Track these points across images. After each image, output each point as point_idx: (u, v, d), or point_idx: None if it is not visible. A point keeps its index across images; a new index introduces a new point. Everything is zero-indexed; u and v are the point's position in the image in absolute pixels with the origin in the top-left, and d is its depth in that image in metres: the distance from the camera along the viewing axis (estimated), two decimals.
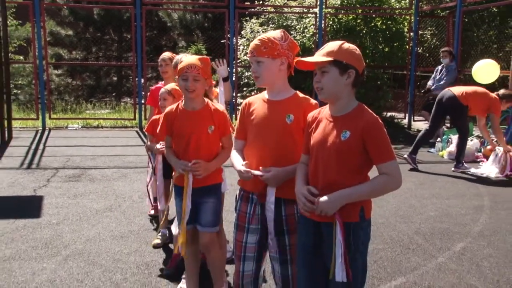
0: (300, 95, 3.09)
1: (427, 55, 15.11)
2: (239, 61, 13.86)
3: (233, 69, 12.99)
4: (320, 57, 2.63)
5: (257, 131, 3.06)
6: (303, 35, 13.97)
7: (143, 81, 13.37)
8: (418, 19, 14.00)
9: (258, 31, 14.38)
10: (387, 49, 14.24)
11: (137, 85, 13.46)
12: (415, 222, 5.85)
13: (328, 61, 2.59)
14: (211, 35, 19.02)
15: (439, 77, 11.33)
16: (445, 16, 14.80)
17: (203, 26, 21.74)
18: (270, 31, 3.29)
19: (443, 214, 6.19)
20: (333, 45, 2.64)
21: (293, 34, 13.56)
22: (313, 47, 13.22)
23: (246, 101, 3.23)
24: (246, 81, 14.38)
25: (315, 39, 13.57)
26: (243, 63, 14.05)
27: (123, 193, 6.85)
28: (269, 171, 2.91)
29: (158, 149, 4.70)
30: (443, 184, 7.77)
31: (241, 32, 15.27)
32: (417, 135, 9.08)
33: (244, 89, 14.56)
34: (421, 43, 15.01)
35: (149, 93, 5.90)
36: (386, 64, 14.43)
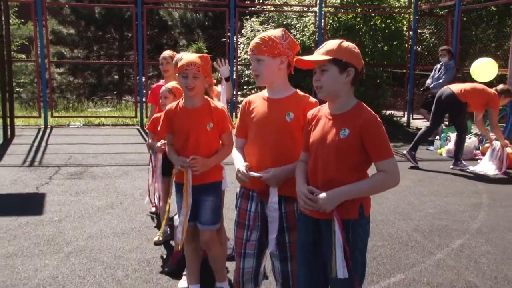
0: (300, 94, 3.10)
1: (426, 53, 15.08)
2: (239, 60, 13.86)
3: (233, 67, 13.00)
4: (319, 55, 2.63)
5: (257, 129, 3.07)
6: (303, 33, 13.98)
7: (144, 79, 13.38)
8: (417, 18, 14.01)
9: (258, 30, 14.38)
10: (386, 47, 14.25)
11: (138, 83, 13.46)
12: (414, 219, 5.86)
13: (327, 59, 2.59)
14: (212, 34, 18.99)
15: (438, 76, 11.34)
16: (444, 15, 14.81)
17: (203, 24, 21.72)
18: (270, 29, 3.30)
19: (441, 211, 6.20)
20: (332, 43, 2.65)
21: (293, 32, 13.56)
22: (312, 45, 13.22)
23: (246, 100, 3.23)
24: (246, 79, 14.37)
25: (314, 37, 13.58)
26: (243, 61, 14.05)
27: (124, 191, 6.86)
28: (268, 171, 2.93)
29: (158, 147, 4.72)
30: (442, 181, 7.79)
31: (242, 30, 15.26)
32: (417, 133, 9.12)
33: (244, 87, 14.56)
34: (420, 42, 15.00)
35: (150, 91, 5.88)
36: (385, 62, 14.44)
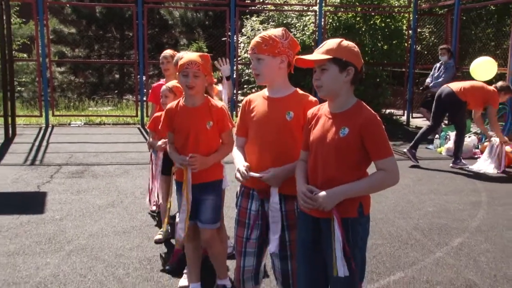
0: (300, 92, 3.10)
1: (426, 52, 15.10)
2: (239, 59, 13.87)
3: (233, 66, 13.01)
4: (319, 55, 2.63)
5: (257, 128, 3.08)
6: (303, 33, 13.97)
7: (144, 78, 13.38)
8: (416, 17, 14.02)
9: (258, 29, 14.37)
10: (386, 46, 14.24)
11: (139, 83, 13.45)
12: (414, 217, 5.88)
13: (327, 58, 2.59)
14: (212, 33, 19.00)
15: (438, 75, 11.36)
16: (443, 14, 14.84)
17: (204, 24, 21.71)
18: (270, 29, 3.29)
19: (441, 209, 6.21)
20: (332, 42, 2.65)
21: (293, 32, 13.56)
22: (312, 44, 13.22)
23: (246, 99, 3.24)
24: (246, 78, 14.37)
25: (314, 37, 13.59)
26: (243, 60, 14.05)
27: (125, 189, 6.87)
28: (268, 172, 2.94)
29: (159, 146, 4.73)
30: (441, 180, 7.80)
31: (242, 30, 15.25)
32: (417, 131, 9.13)
33: (244, 86, 14.56)
34: (420, 41, 15.00)
35: (150, 91, 5.88)
36: (385, 61, 14.43)
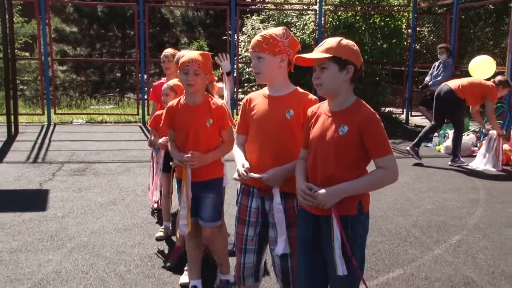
0: (300, 91, 3.10)
1: (425, 51, 15.09)
2: (240, 57, 13.88)
3: (234, 65, 13.03)
4: (319, 53, 2.64)
5: (258, 126, 3.09)
6: (303, 31, 13.99)
7: (146, 77, 13.40)
8: (416, 16, 14.03)
9: (259, 28, 14.37)
10: (385, 45, 14.26)
11: (140, 81, 13.49)
12: (412, 215, 5.90)
13: (327, 57, 2.60)
14: (213, 32, 18.98)
15: (436, 73, 11.39)
16: (442, 13, 14.86)
17: (205, 23, 21.69)
18: (270, 27, 3.28)
19: (439, 207, 6.24)
20: (332, 41, 2.65)
21: (293, 30, 13.57)
22: (312, 43, 13.23)
23: (247, 97, 3.24)
24: (247, 77, 14.39)
25: (314, 35, 13.60)
26: (244, 59, 14.06)
27: (126, 187, 6.89)
28: (268, 172, 2.94)
29: (160, 143, 4.76)
30: (440, 178, 7.82)
31: (242, 28, 15.24)
32: (416, 130, 9.15)
33: (245, 84, 14.57)
34: (419, 40, 14.99)
35: (152, 89, 5.89)
36: (384, 60, 14.45)
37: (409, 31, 14.05)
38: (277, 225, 2.98)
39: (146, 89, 13.16)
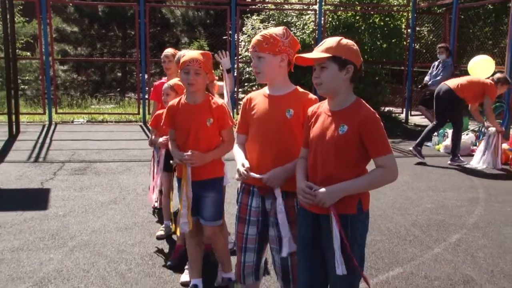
0: (300, 90, 3.11)
1: (424, 51, 15.12)
2: (240, 57, 13.90)
3: (234, 64, 13.05)
4: (319, 53, 2.63)
5: (258, 126, 3.09)
6: (303, 31, 14.01)
7: (146, 76, 13.42)
8: (415, 16, 14.05)
9: (259, 28, 14.38)
10: (385, 45, 14.28)
11: (141, 81, 13.52)
12: (412, 214, 5.91)
13: (327, 57, 2.59)
14: (213, 32, 19.02)
15: (436, 73, 11.40)
16: (441, 13, 14.90)
17: (205, 22, 21.73)
18: (271, 27, 3.28)
19: (439, 206, 6.24)
20: (332, 41, 2.65)
21: (293, 30, 13.57)
22: (312, 43, 13.24)
23: (247, 97, 3.25)
24: (247, 76, 14.41)
25: (314, 35, 13.62)
26: (244, 59, 14.08)
27: (127, 186, 6.90)
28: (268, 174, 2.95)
29: (160, 142, 4.76)
30: (439, 177, 7.83)
31: (243, 28, 15.26)
32: (415, 129, 9.16)
33: (245, 84, 14.58)
34: (418, 40, 15.01)
35: (152, 89, 5.89)
36: (384, 60, 14.46)
37: (409, 31, 14.07)
38: (281, 227, 2.98)
39: (146, 88, 13.18)
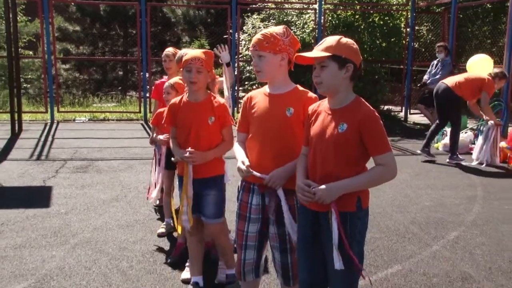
0: (300, 89, 3.12)
1: (423, 50, 15.15)
2: (241, 56, 13.93)
3: (235, 63, 13.07)
4: (319, 52, 2.64)
5: (258, 124, 3.10)
6: (303, 30, 14.03)
7: (147, 75, 13.47)
8: (414, 15, 14.09)
9: (259, 27, 14.40)
10: (384, 44, 14.33)
11: (142, 79, 13.58)
12: (411, 211, 5.93)
13: (327, 56, 2.60)
14: (214, 31, 19.03)
15: (435, 71, 11.43)
16: (440, 12, 14.91)
17: (206, 21, 21.73)
18: (271, 26, 3.28)
19: (437, 204, 6.27)
20: (331, 40, 2.66)
21: (293, 29, 13.58)
22: (312, 42, 13.26)
23: (248, 95, 3.26)
24: (247, 75, 14.44)
25: (314, 34, 13.65)
26: (245, 57, 14.10)
27: (128, 184, 6.93)
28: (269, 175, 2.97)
29: (161, 140, 4.78)
30: (438, 175, 7.85)
31: (243, 27, 15.28)
32: (414, 127, 9.17)
33: (246, 83, 14.62)
34: (418, 39, 15.05)
35: (153, 87, 5.89)
36: (383, 58, 14.50)
37: (408, 30, 14.10)
38: (289, 229, 3.00)
39: (148, 87, 13.21)
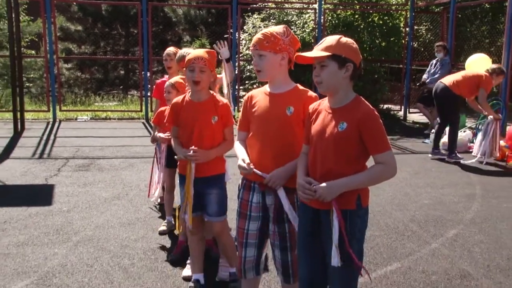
0: (300, 88, 3.12)
1: (422, 49, 15.17)
2: (241, 55, 13.96)
3: (235, 63, 13.10)
4: (319, 52, 2.65)
5: (259, 123, 3.11)
6: (303, 30, 14.05)
7: (149, 74, 13.47)
8: (413, 14, 14.13)
9: (259, 26, 14.42)
10: (383, 43, 14.36)
11: (143, 78, 13.60)
12: (410, 210, 5.95)
13: (326, 55, 2.61)
14: (215, 30, 19.03)
15: (434, 71, 11.45)
16: (439, 12, 14.93)
17: (207, 21, 21.72)
18: (271, 26, 3.28)
19: (436, 202, 6.29)
20: (331, 39, 2.66)
21: (293, 29, 13.58)
22: (312, 41, 13.28)
23: (248, 94, 3.26)
24: (248, 74, 14.46)
25: (314, 34, 13.68)
26: (245, 57, 14.12)
27: (130, 182, 6.95)
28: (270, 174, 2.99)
29: (162, 137, 4.80)
30: (437, 173, 7.87)
31: (244, 27, 15.29)
32: (413, 126, 9.17)
33: (246, 82, 14.64)
34: (417, 38, 15.08)
35: (154, 87, 5.90)
36: (383, 58, 14.53)
37: (407, 29, 14.14)
38: (291, 219, 3.01)
39: (149, 86, 13.22)
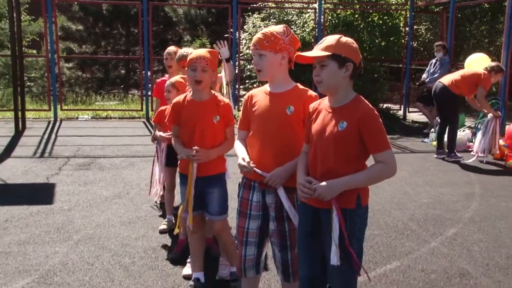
0: (300, 87, 3.13)
1: (422, 49, 15.18)
2: (241, 55, 13.97)
3: (236, 62, 13.11)
4: (319, 51, 2.65)
5: (259, 122, 3.11)
6: (303, 29, 14.07)
7: (149, 73, 13.49)
8: (413, 14, 14.15)
9: (260, 26, 14.43)
10: (383, 43, 14.38)
11: (144, 78, 13.61)
12: (410, 208, 5.96)
13: (326, 55, 2.62)
14: (215, 30, 19.04)
15: (433, 70, 11.47)
16: (439, 11, 14.95)
17: (207, 21, 21.74)
18: (271, 25, 3.27)
19: (436, 201, 6.30)
20: (331, 39, 2.67)
21: (293, 28, 13.60)
22: (312, 41, 13.29)
23: (249, 94, 3.27)
24: (248, 74, 14.47)
25: (314, 33, 13.69)
26: (245, 56, 14.14)
27: (131, 181, 6.96)
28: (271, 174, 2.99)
29: (162, 136, 4.81)
30: (436, 172, 7.88)
31: (244, 26, 15.30)
32: (413, 125, 9.16)
33: (246, 81, 14.65)
34: (416, 38, 15.08)
35: (155, 86, 5.91)
36: (382, 57, 14.54)
37: (407, 29, 14.16)
38: (291, 216, 3.02)
39: (149, 85, 13.24)
